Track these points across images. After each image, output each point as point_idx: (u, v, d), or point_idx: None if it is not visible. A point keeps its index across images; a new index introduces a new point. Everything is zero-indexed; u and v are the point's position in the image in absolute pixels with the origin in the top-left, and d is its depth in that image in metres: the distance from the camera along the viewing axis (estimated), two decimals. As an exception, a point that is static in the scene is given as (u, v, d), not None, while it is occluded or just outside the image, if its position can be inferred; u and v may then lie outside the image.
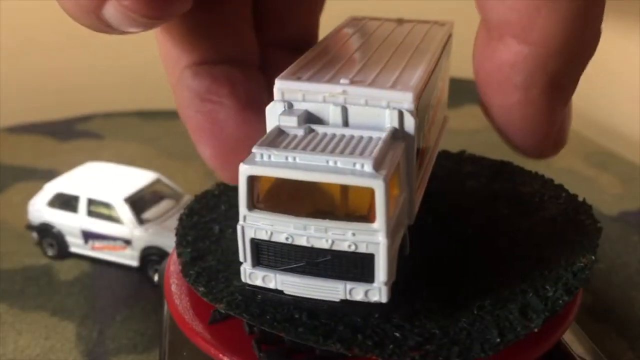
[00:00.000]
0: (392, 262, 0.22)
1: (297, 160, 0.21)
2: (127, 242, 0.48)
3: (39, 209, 0.51)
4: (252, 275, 0.23)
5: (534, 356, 0.25)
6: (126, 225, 0.48)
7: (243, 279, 0.23)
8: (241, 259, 0.23)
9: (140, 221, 0.48)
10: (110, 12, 0.19)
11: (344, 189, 0.21)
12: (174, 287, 0.29)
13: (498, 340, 0.23)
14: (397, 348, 0.23)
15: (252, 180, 0.22)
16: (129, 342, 0.41)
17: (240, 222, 0.22)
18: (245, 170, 0.22)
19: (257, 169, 0.22)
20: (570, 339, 0.31)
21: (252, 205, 0.22)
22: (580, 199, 0.35)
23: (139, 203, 0.49)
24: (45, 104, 0.82)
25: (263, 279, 0.23)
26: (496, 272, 0.27)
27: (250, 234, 0.22)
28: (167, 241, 0.46)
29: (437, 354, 0.23)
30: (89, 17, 0.20)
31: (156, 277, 0.46)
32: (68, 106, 0.82)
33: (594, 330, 0.41)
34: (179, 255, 0.29)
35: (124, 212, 0.48)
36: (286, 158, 0.21)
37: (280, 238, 0.22)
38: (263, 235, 0.22)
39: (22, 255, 0.51)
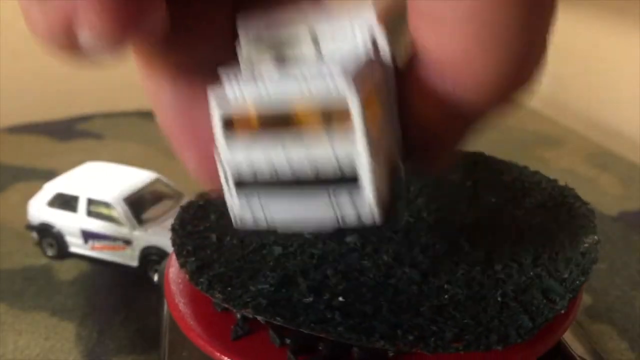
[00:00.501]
0: (379, 178, 0.20)
1: (269, 89, 0.20)
2: (127, 242, 0.48)
3: (39, 208, 0.51)
4: (242, 218, 0.21)
5: (534, 356, 0.25)
6: (126, 225, 0.48)
7: (234, 223, 0.22)
8: (227, 199, 0.21)
9: (140, 221, 0.48)
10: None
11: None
12: (173, 287, 0.29)
13: (531, 325, 0.24)
14: (439, 340, 0.23)
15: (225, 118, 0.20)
16: (128, 342, 0.41)
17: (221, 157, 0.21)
18: (217, 109, 0.20)
19: (229, 106, 0.20)
20: (571, 339, 0.31)
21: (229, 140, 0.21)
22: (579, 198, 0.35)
23: (138, 203, 0.49)
24: (44, 104, 0.82)
25: (253, 215, 0.21)
26: (505, 259, 0.28)
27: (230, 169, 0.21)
28: (167, 241, 0.45)
29: (477, 343, 0.23)
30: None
31: (156, 277, 0.46)
32: (68, 106, 0.82)
33: (594, 330, 0.41)
34: (182, 265, 0.28)
35: (124, 212, 0.48)
36: (258, 88, 0.20)
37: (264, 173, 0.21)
38: (245, 169, 0.21)
39: (22, 255, 0.51)
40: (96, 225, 0.49)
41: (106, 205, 0.48)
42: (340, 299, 0.24)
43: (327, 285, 0.26)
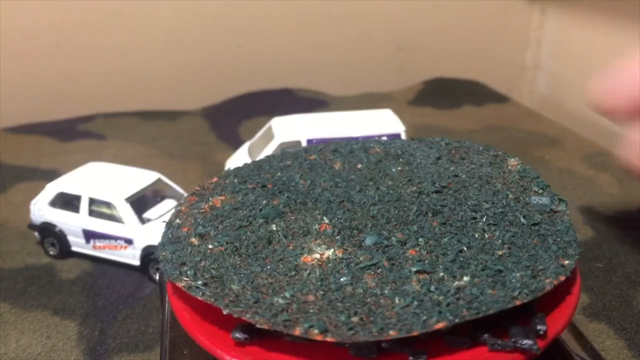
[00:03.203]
0: None
1: None
2: (129, 241, 0.48)
3: (41, 208, 0.51)
4: None
5: (533, 354, 0.25)
6: (127, 224, 0.48)
7: None
8: None
9: (142, 220, 0.48)
10: None
11: None
12: (174, 286, 0.29)
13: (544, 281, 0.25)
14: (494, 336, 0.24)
15: None
16: (130, 341, 0.41)
17: None
18: None
19: None
20: (568, 337, 0.31)
21: None
22: (579, 198, 0.36)
23: (140, 202, 0.49)
24: (46, 104, 0.82)
25: None
26: (507, 233, 0.29)
27: None
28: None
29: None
30: None
31: (157, 276, 0.46)
32: (69, 106, 0.82)
33: (592, 329, 0.41)
34: (189, 289, 0.26)
35: (125, 212, 0.48)
36: None
37: None
38: None
39: (24, 254, 0.51)
40: (98, 225, 0.49)
41: (108, 205, 0.49)
42: None
43: None
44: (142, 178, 0.51)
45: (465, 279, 0.26)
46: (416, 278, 0.26)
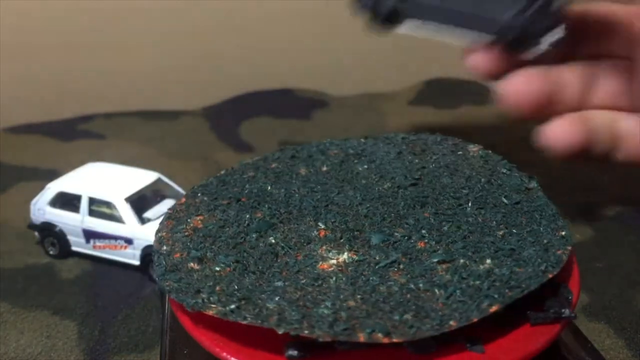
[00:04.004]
0: None
1: None
2: (129, 241, 0.48)
3: (41, 208, 0.51)
4: None
5: (532, 354, 0.25)
6: (127, 224, 0.48)
7: None
8: None
9: (142, 220, 0.48)
10: None
11: None
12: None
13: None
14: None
15: None
16: (130, 341, 0.41)
17: None
18: None
19: None
20: (568, 337, 0.31)
21: None
22: (579, 198, 0.36)
23: (140, 202, 0.49)
24: (46, 104, 0.82)
25: None
26: (498, 214, 0.30)
27: None
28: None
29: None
30: None
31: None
32: (69, 106, 0.82)
33: (591, 329, 0.41)
34: (224, 315, 0.25)
35: (125, 212, 0.48)
36: None
37: None
38: None
39: (24, 254, 0.51)
40: (98, 225, 0.49)
41: (108, 204, 0.49)
42: None
43: None
44: (142, 178, 0.51)
45: (488, 261, 0.27)
46: (441, 268, 0.26)
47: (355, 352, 0.24)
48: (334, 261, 0.28)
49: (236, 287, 0.26)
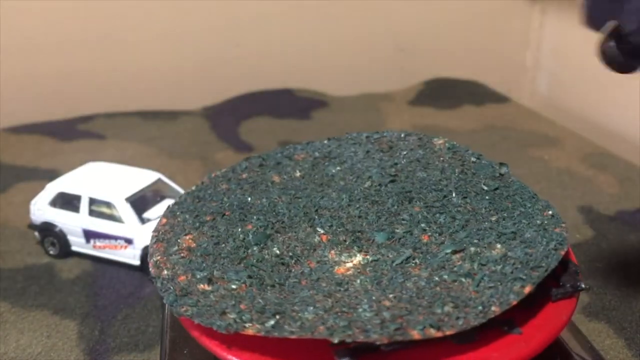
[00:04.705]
0: None
1: None
2: (129, 241, 0.48)
3: (41, 208, 0.51)
4: None
5: (532, 354, 0.25)
6: (127, 224, 0.48)
7: None
8: None
9: (142, 220, 0.48)
10: None
11: None
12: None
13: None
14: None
15: None
16: (130, 341, 0.41)
17: None
18: None
19: None
20: (568, 337, 0.31)
21: None
22: (579, 198, 0.37)
23: (140, 202, 0.49)
24: (46, 104, 0.82)
25: None
26: (483, 201, 0.31)
27: None
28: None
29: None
30: None
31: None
32: (69, 106, 0.82)
33: (591, 329, 0.41)
34: (267, 333, 0.24)
35: (125, 212, 0.48)
36: None
37: None
38: None
39: (24, 254, 0.51)
40: (98, 225, 0.49)
41: (108, 204, 0.49)
42: None
43: None
44: (142, 178, 0.51)
45: (498, 246, 0.27)
46: (456, 258, 0.27)
47: (398, 352, 0.24)
48: (350, 264, 0.28)
49: (262, 302, 0.25)
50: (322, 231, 0.30)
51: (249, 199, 0.33)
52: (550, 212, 0.29)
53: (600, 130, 0.79)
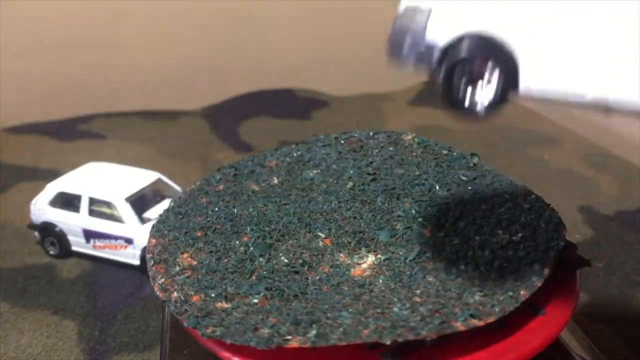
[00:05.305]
0: None
1: None
2: (129, 241, 0.48)
3: (41, 208, 0.51)
4: None
5: (532, 353, 0.25)
6: (127, 224, 0.48)
7: None
8: None
9: (142, 220, 0.48)
10: None
11: None
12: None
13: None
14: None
15: None
16: (130, 340, 0.42)
17: None
18: None
19: None
20: (568, 337, 0.31)
21: None
22: (579, 198, 0.37)
23: (140, 202, 0.49)
24: (46, 104, 0.82)
25: None
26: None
27: None
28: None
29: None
30: None
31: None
32: (70, 106, 0.82)
33: (591, 329, 0.41)
34: (314, 343, 0.24)
35: (126, 211, 0.48)
36: None
37: None
38: None
39: (24, 254, 0.51)
40: (98, 225, 0.49)
41: (108, 204, 0.49)
42: None
43: None
44: (142, 178, 0.51)
45: (500, 232, 0.27)
46: (465, 247, 0.27)
47: (439, 346, 0.24)
48: (365, 265, 0.27)
49: (292, 313, 0.24)
50: (323, 235, 0.30)
51: (235, 210, 0.32)
52: (533, 196, 0.29)
53: (600, 130, 0.79)
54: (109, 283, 0.47)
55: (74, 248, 0.51)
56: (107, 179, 0.51)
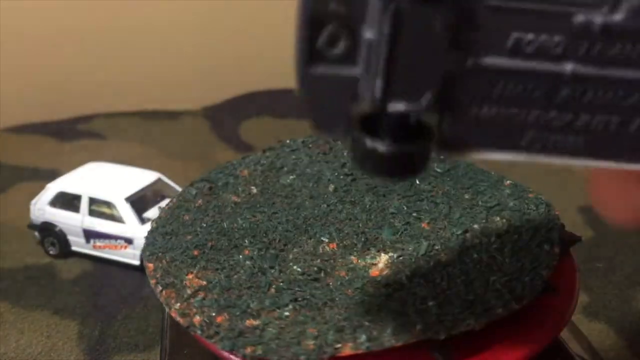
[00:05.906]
0: None
1: None
2: (129, 241, 0.48)
3: (41, 208, 0.51)
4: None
5: (532, 353, 0.25)
6: (127, 224, 0.48)
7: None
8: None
9: (142, 220, 0.48)
10: None
11: None
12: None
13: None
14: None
15: None
16: (130, 341, 0.42)
17: None
18: None
19: None
20: (568, 337, 0.31)
21: None
22: (579, 198, 0.37)
23: (140, 202, 0.50)
24: (47, 104, 0.82)
25: None
26: (449, 181, 0.31)
27: None
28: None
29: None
30: None
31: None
32: (70, 106, 0.82)
33: (591, 329, 0.41)
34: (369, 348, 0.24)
35: (126, 211, 0.48)
36: None
37: None
38: None
39: (24, 254, 0.51)
40: (98, 225, 0.49)
41: (108, 204, 0.49)
42: None
43: None
44: (142, 178, 0.51)
45: (497, 219, 0.28)
46: (471, 237, 0.27)
47: (478, 333, 0.24)
48: (380, 264, 0.27)
49: (330, 321, 0.24)
50: (326, 240, 0.29)
51: (224, 224, 0.31)
52: (509, 182, 0.30)
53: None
54: (109, 283, 0.47)
55: (74, 248, 0.51)
56: (107, 179, 0.51)
